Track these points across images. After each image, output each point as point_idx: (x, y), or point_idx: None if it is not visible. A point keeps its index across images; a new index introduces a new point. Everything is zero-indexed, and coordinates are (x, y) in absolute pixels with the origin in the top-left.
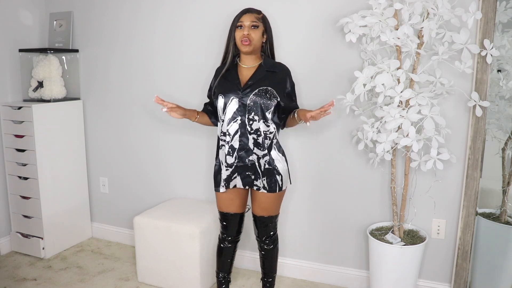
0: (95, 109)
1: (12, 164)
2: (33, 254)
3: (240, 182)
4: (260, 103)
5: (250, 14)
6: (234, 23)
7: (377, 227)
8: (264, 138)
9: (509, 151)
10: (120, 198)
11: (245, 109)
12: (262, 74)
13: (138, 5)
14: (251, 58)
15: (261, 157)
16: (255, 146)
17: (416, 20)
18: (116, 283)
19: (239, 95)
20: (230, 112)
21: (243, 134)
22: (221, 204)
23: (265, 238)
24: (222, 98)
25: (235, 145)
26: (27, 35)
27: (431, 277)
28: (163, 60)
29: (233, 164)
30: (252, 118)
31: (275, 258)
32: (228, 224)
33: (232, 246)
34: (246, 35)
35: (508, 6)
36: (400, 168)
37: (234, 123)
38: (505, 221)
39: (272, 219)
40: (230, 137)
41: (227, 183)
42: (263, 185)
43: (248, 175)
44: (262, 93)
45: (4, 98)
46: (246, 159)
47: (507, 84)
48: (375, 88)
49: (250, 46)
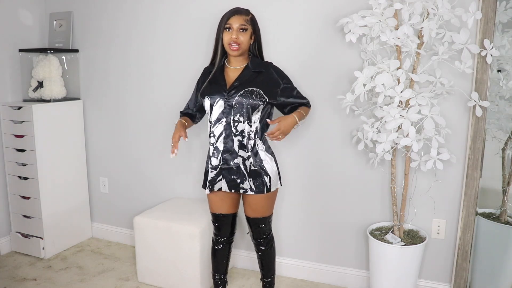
0: (95, 109)
1: (12, 164)
2: (33, 254)
3: (226, 185)
4: (245, 104)
5: (239, 16)
6: (222, 23)
7: (377, 227)
8: (248, 139)
9: (509, 151)
10: (120, 198)
11: (231, 111)
12: (248, 75)
13: (138, 5)
14: (238, 60)
15: (246, 159)
16: (240, 149)
17: (416, 20)
18: (116, 283)
19: (224, 97)
20: (216, 114)
21: (228, 135)
22: (212, 205)
23: (260, 240)
24: (208, 99)
25: (219, 147)
26: (27, 35)
27: (431, 277)
28: (163, 60)
29: (218, 167)
30: (237, 120)
31: (272, 258)
32: (221, 225)
33: (226, 247)
34: (234, 39)
35: (508, 6)
36: (400, 168)
37: (219, 124)
38: (505, 221)
39: (265, 220)
40: (215, 138)
41: (211, 186)
42: (249, 187)
43: (234, 178)
44: (248, 94)
45: (4, 98)
46: (231, 161)
47: (507, 84)
48: (375, 88)
49: (239, 51)
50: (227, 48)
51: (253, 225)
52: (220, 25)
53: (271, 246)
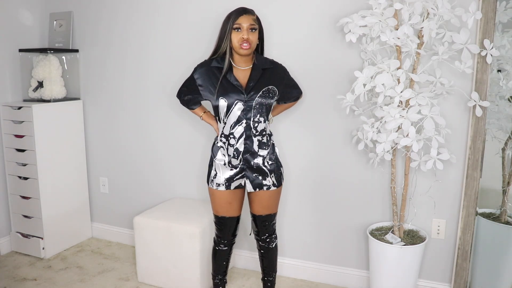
0: (95, 109)
1: (12, 164)
2: (33, 254)
3: (250, 185)
4: (264, 104)
5: (248, 16)
6: (229, 23)
7: (377, 227)
8: (268, 137)
9: (509, 151)
10: (120, 198)
11: (251, 112)
12: (259, 74)
13: (138, 4)
14: (245, 59)
15: (265, 157)
16: (259, 148)
17: (416, 20)
18: (116, 283)
19: (244, 98)
20: (235, 116)
21: (248, 137)
22: (217, 208)
23: (265, 237)
24: (225, 101)
25: (240, 148)
26: (27, 35)
27: (431, 277)
28: (164, 60)
29: (238, 166)
30: (257, 120)
31: (274, 256)
32: (224, 228)
33: (227, 249)
34: (245, 39)
35: (508, 6)
36: (400, 168)
37: (239, 126)
38: (505, 221)
39: (272, 217)
40: (235, 140)
41: (228, 183)
42: (272, 182)
43: (256, 176)
44: (266, 93)
45: (4, 98)
46: (251, 161)
47: (507, 84)
48: (375, 88)
49: (249, 50)
50: (237, 48)
51: (260, 222)
52: (227, 25)
53: (275, 245)
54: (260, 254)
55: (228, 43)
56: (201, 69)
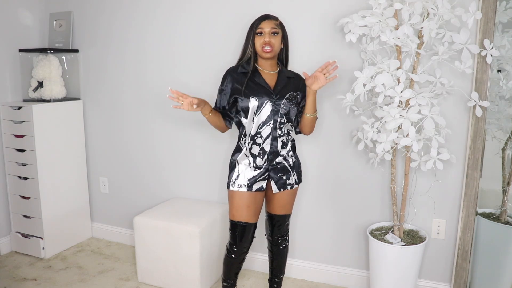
0: (95, 109)
1: (12, 164)
2: (33, 254)
3: (275, 186)
4: (290, 107)
5: (270, 21)
6: (252, 29)
7: (377, 227)
8: (290, 139)
9: (509, 151)
10: (120, 198)
11: (278, 113)
12: (285, 79)
13: (138, 4)
14: (270, 64)
15: (286, 155)
16: (282, 148)
17: (416, 20)
18: (116, 283)
19: (273, 99)
20: (264, 116)
21: (274, 138)
22: (234, 211)
23: (278, 238)
24: (256, 100)
25: (266, 148)
26: (27, 35)
27: (431, 277)
28: (164, 60)
29: (262, 166)
30: (283, 122)
31: (284, 258)
32: (240, 236)
33: (241, 257)
34: (267, 42)
35: (508, 6)
36: (400, 168)
37: (267, 126)
38: (505, 221)
39: (288, 218)
40: (262, 139)
41: (250, 184)
42: (294, 181)
43: (281, 176)
44: (292, 97)
45: (4, 98)
46: (274, 161)
47: (507, 84)
48: (375, 88)
49: (272, 53)
50: (260, 52)
51: (276, 222)
52: (251, 31)
53: (286, 246)
54: (270, 254)
55: (252, 48)
56: (232, 75)
